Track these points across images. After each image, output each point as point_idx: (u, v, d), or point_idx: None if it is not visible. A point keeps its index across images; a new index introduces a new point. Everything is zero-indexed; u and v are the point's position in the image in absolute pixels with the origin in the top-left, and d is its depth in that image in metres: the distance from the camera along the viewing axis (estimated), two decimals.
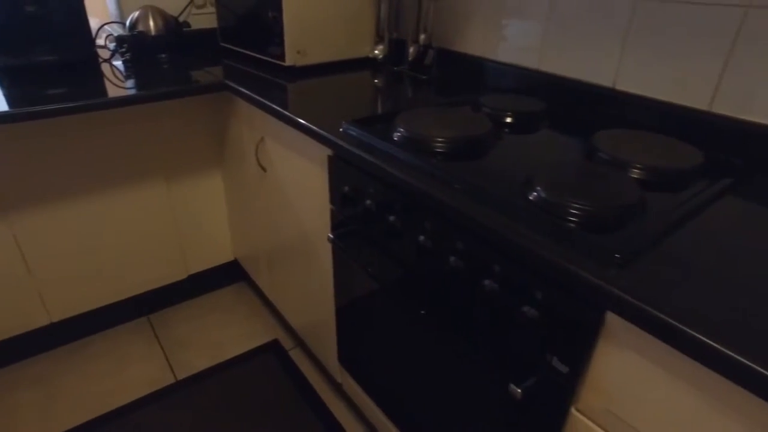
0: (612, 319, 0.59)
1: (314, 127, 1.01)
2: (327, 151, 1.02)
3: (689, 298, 0.53)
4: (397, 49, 1.50)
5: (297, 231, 1.30)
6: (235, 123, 1.48)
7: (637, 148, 0.87)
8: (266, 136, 1.30)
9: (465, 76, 1.40)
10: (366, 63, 1.54)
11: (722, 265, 0.59)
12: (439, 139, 0.88)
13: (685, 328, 0.49)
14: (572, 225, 0.66)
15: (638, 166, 0.81)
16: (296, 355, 1.64)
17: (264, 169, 1.37)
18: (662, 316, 0.51)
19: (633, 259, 0.60)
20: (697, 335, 0.48)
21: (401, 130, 0.92)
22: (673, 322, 0.50)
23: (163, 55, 1.67)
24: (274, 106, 1.14)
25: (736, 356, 0.46)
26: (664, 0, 0.97)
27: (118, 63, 1.59)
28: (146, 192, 1.60)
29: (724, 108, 0.94)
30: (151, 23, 1.64)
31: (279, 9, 1.36)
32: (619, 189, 0.72)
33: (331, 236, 1.03)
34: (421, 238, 0.82)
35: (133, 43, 1.61)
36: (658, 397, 0.57)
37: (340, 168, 1.00)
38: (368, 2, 1.49)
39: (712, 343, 0.47)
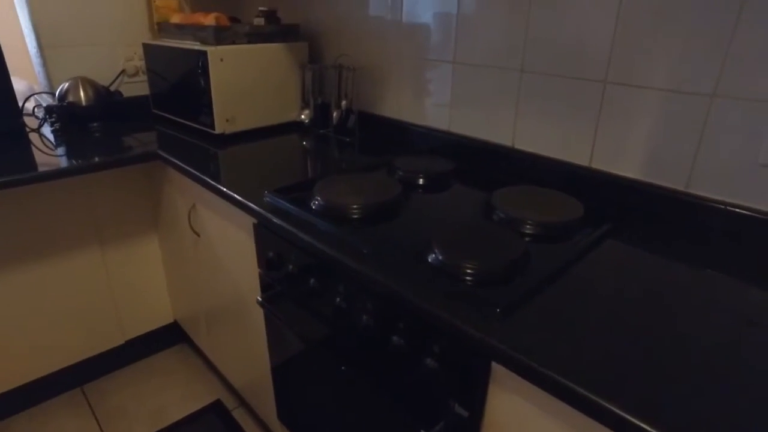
0: (496, 366, 0.67)
1: (239, 197, 1.07)
2: (252, 219, 1.09)
3: (560, 345, 0.62)
4: (322, 113, 1.61)
5: (231, 293, 1.34)
6: (168, 189, 1.52)
7: (528, 205, 0.99)
8: (198, 202, 1.35)
9: (385, 137, 1.52)
10: (294, 127, 1.64)
11: (594, 310, 0.69)
12: (353, 206, 0.96)
13: (554, 375, 0.58)
14: (466, 282, 0.75)
15: (529, 222, 0.93)
16: (239, 415, 1.64)
17: (197, 234, 1.41)
18: (532, 363, 0.59)
19: (512, 311, 0.69)
20: (564, 381, 0.57)
21: (318, 198, 1.00)
22: (541, 369, 0.59)
23: (95, 124, 1.70)
24: (203, 177, 1.20)
25: (591, 396, 0.54)
26: (542, 73, 1.12)
27: (47, 131, 1.60)
28: (79, 259, 1.60)
29: (600, 164, 1.08)
30: (82, 94, 1.67)
31: (207, 79, 1.44)
32: (508, 246, 0.82)
33: (260, 299, 1.08)
34: (338, 299, 0.89)
35: (62, 114, 1.64)
36: None
37: (264, 235, 1.06)
38: (293, 71, 1.60)
39: (575, 387, 0.56)
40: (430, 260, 0.80)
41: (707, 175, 0.95)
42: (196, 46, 1.47)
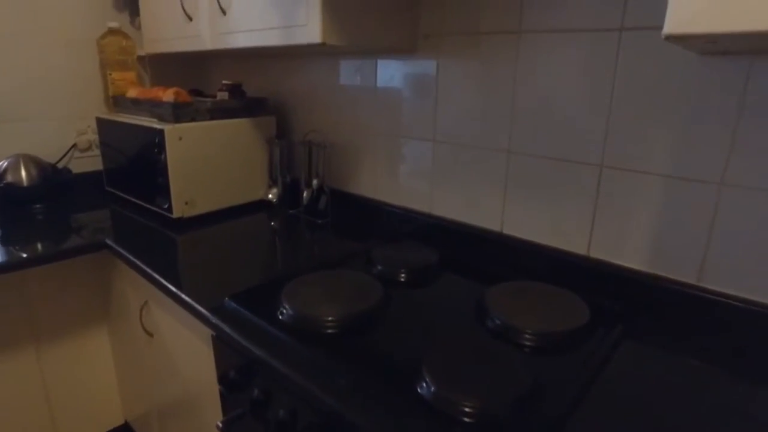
0: None
1: (195, 305, 0.92)
2: (211, 331, 0.94)
3: None
4: (291, 191, 1.49)
5: (188, 408, 1.16)
6: (118, 281, 1.36)
7: (527, 308, 0.87)
8: (151, 300, 1.19)
9: (360, 218, 1.40)
10: (261, 206, 1.51)
11: None
12: (327, 319, 0.83)
13: None
14: (464, 424, 0.61)
15: (529, 332, 0.81)
16: None
17: (150, 335, 1.24)
18: None
19: None
20: None
21: (287, 307, 0.86)
22: None
23: (39, 206, 1.54)
24: (155, 275, 1.05)
25: None
26: (531, 155, 1.03)
27: None
28: (12, 362, 1.39)
29: (599, 253, 0.99)
30: (23, 173, 1.52)
31: (164, 160, 1.31)
32: (512, 372, 0.70)
33: (220, 425, 0.91)
34: None
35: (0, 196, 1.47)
36: None
37: (224, 350, 0.91)
38: (260, 147, 1.49)
39: None
40: (420, 391, 0.67)
41: (721, 268, 0.85)
42: (153, 123, 1.35)
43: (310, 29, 0.99)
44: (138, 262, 1.11)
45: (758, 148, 0.78)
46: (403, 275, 1.03)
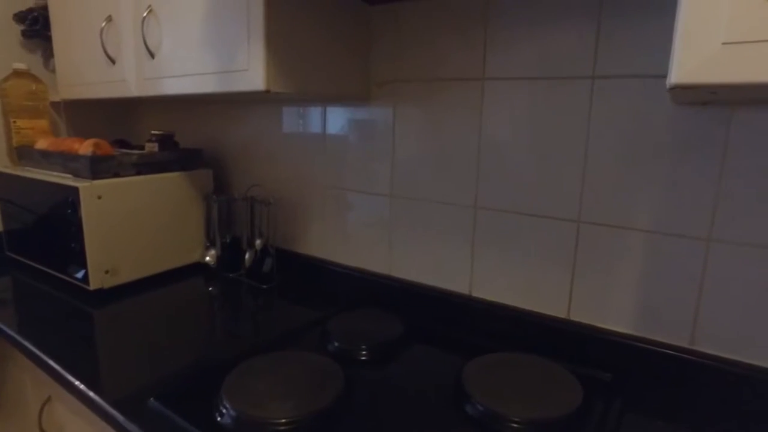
0: None
1: (108, 408, 0.74)
2: None
3: None
4: (232, 253, 1.33)
5: None
6: (14, 369, 1.12)
7: (511, 388, 0.76)
8: (55, 396, 0.97)
9: (311, 282, 1.26)
10: (197, 270, 1.33)
11: None
12: (279, 421, 0.67)
13: None
14: None
15: (518, 420, 0.69)
16: None
17: None
18: None
19: None
20: None
21: (227, 406, 0.69)
22: None
23: None
24: (60, 369, 0.85)
25: None
26: (501, 210, 0.95)
27: None
28: None
29: (581, 315, 0.90)
30: None
31: (78, 222, 1.12)
32: None
33: None
34: None
35: None
36: None
37: None
38: (195, 204, 1.33)
39: None
40: None
41: (715, 330, 0.78)
42: (67, 179, 1.16)
43: (252, 75, 0.88)
44: (38, 353, 0.90)
45: (745, 201, 0.73)
46: (364, 353, 0.89)
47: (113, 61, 1.19)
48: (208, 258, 1.31)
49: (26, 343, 0.93)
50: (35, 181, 1.24)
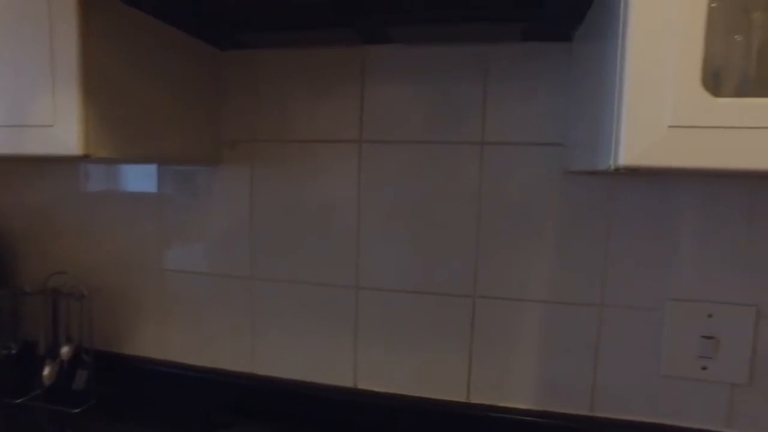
0: None
1: None
2: None
3: None
4: (22, 368, 0.96)
5: None
6: None
7: None
8: None
9: (145, 394, 0.96)
10: None
11: None
12: None
13: None
14: None
15: None
16: None
17: None
18: None
19: None
20: None
21: None
22: None
23: None
24: None
25: None
26: (389, 290, 0.84)
27: None
28: None
29: (481, 397, 0.83)
30: None
31: None
32: None
33: None
34: None
35: None
36: None
37: None
38: None
39: None
40: None
41: (611, 394, 0.78)
42: None
43: (60, 133, 0.63)
44: None
45: (632, 264, 0.75)
46: None
47: None
48: None
49: None
50: None
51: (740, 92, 0.51)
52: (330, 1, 0.64)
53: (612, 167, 0.48)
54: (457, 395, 0.84)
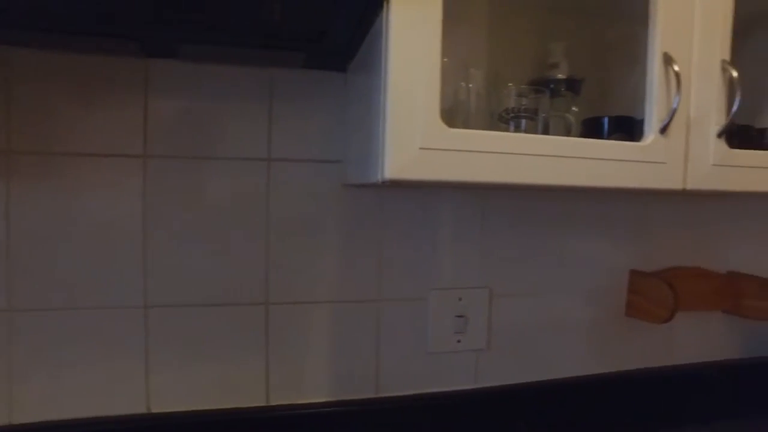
0: None
1: None
2: None
3: None
4: None
5: None
6: None
7: None
8: None
9: None
10: None
11: None
12: None
13: None
14: None
15: None
16: None
17: None
18: None
19: None
20: None
21: None
22: None
23: None
24: None
25: None
26: (182, 305, 0.83)
27: None
28: None
29: (281, 398, 0.88)
30: None
31: None
32: None
33: None
34: None
35: None
36: None
37: None
38: None
39: None
40: None
41: (392, 374, 0.92)
42: None
43: None
44: None
45: (401, 263, 0.90)
46: None
47: None
48: None
49: None
50: None
51: (466, 124, 0.68)
52: (94, 10, 0.61)
53: (379, 180, 0.59)
54: (257, 400, 0.87)
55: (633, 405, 1.06)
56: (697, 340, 1.16)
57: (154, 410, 0.83)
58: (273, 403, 0.87)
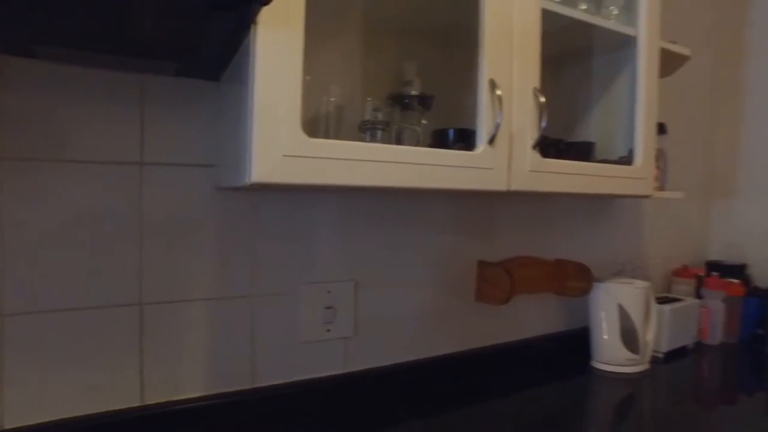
0: None
1: None
2: None
3: None
4: None
5: None
6: None
7: None
8: None
9: None
10: None
11: None
12: None
13: None
14: None
15: None
16: None
17: None
18: None
19: None
20: None
21: None
22: None
23: None
24: None
25: None
26: (41, 311, 0.81)
27: None
28: None
29: (156, 396, 0.89)
30: None
31: None
32: None
33: None
34: None
35: None
36: None
37: None
38: None
39: None
40: None
41: (266, 365, 0.98)
42: None
43: None
44: None
45: (274, 259, 0.96)
46: None
47: None
48: None
49: None
50: None
51: (327, 134, 0.77)
52: None
53: (247, 183, 0.65)
54: (131, 401, 0.87)
55: (486, 377, 1.24)
56: (535, 317, 1.38)
57: (9, 426, 0.80)
58: (148, 402, 0.89)
